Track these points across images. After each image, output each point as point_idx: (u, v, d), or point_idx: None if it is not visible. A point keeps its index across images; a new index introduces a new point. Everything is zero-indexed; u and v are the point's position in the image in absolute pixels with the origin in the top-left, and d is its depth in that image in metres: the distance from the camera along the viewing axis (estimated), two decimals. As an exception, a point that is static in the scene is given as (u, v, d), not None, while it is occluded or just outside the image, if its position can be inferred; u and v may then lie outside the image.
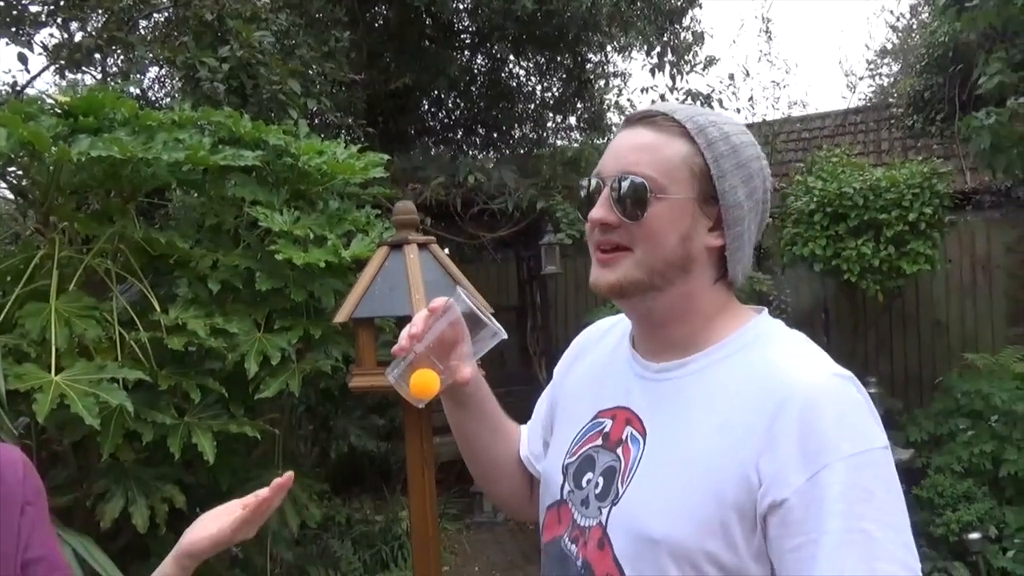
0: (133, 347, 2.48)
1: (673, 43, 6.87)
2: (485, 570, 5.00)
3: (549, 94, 7.43)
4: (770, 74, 15.92)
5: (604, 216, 0.97)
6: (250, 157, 2.64)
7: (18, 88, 5.24)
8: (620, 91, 7.68)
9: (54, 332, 2.26)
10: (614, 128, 7.13)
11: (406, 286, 2.38)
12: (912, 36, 12.53)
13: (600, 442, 1.03)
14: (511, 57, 7.00)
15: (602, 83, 7.50)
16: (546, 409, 1.23)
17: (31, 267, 2.46)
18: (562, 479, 1.06)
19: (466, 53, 7.04)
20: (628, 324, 1.09)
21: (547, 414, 1.22)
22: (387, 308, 2.43)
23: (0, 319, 2.33)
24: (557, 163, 5.97)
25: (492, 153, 7.48)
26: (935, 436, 4.70)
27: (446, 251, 3.46)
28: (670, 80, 6.93)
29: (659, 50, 6.80)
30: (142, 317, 2.55)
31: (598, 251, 1.00)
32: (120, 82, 4.85)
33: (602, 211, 0.97)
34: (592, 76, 7.25)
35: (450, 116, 7.62)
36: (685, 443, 0.93)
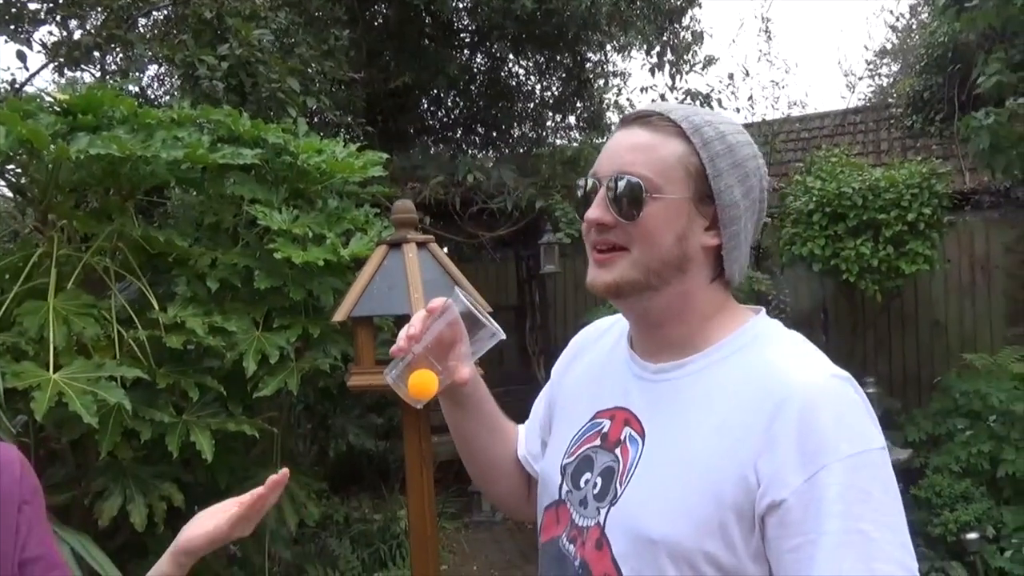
0: (131, 345, 2.48)
1: (673, 43, 6.87)
2: (483, 569, 5.00)
3: (548, 93, 7.42)
4: (769, 74, 16.01)
5: (600, 216, 0.97)
6: (249, 155, 2.64)
7: (17, 86, 5.24)
8: (620, 90, 7.67)
9: (52, 330, 2.26)
10: (613, 127, 7.09)
11: (405, 285, 2.37)
12: (911, 36, 12.52)
13: (598, 442, 1.03)
14: (511, 56, 6.99)
15: (601, 82, 7.50)
16: (544, 409, 1.23)
17: (29, 265, 2.45)
18: (560, 479, 1.06)
19: (466, 52, 7.04)
20: (626, 324, 1.09)
21: (545, 414, 1.22)
22: (386, 307, 2.43)
23: (-2, 317, 2.33)
24: (556, 162, 5.97)
25: (491, 152, 7.47)
26: (933, 436, 4.70)
27: (445, 250, 3.45)
28: (670, 80, 6.95)
29: (659, 49, 6.81)
30: (140, 315, 2.55)
31: (594, 251, 1.00)
32: (119, 80, 4.85)
33: (598, 211, 0.97)
34: (591, 75, 7.25)
35: (449, 115, 7.61)
36: (684, 444, 0.93)
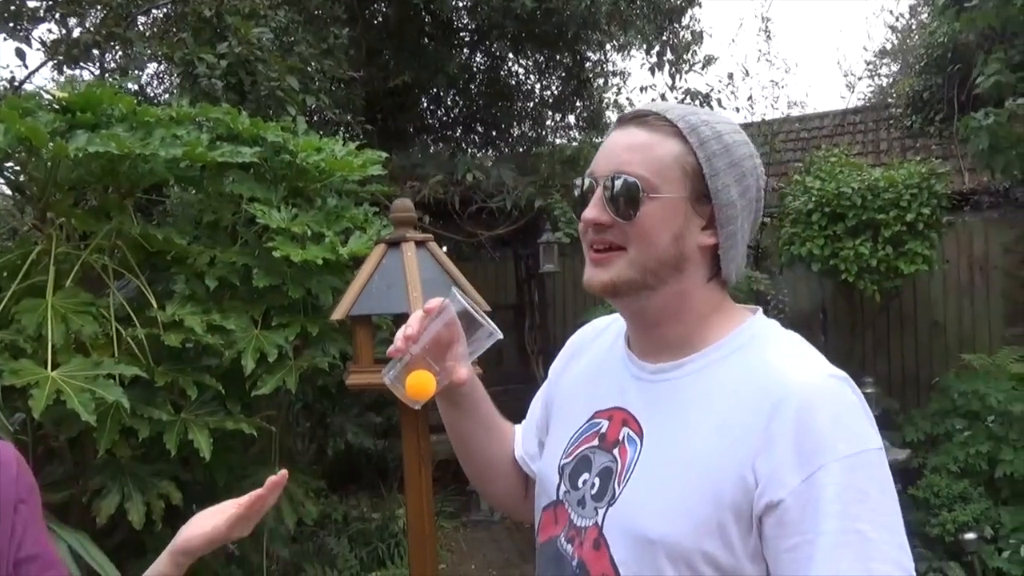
0: (130, 343, 2.48)
1: (672, 42, 6.87)
2: (481, 568, 5.00)
3: (548, 92, 7.42)
4: (769, 74, 15.98)
5: (597, 216, 0.97)
6: (248, 154, 2.64)
7: (16, 84, 5.25)
8: (619, 90, 7.66)
9: (51, 328, 2.26)
10: (611, 127, 7.08)
11: (403, 284, 2.37)
12: (911, 36, 12.52)
13: (596, 443, 1.03)
14: (510, 55, 6.99)
15: (601, 82, 7.49)
16: (541, 409, 1.23)
17: (28, 263, 2.45)
18: (558, 479, 1.06)
19: (465, 51, 7.03)
20: (623, 323, 1.09)
21: (542, 414, 1.22)
22: (384, 306, 2.43)
23: (-3, 315, 2.33)
24: (556, 161, 5.96)
25: (491, 151, 7.46)
26: (931, 436, 4.71)
27: (444, 249, 3.45)
28: (669, 79, 6.94)
29: (658, 49, 6.80)
30: (139, 313, 2.55)
31: (592, 251, 1.00)
32: (118, 78, 4.84)
33: (595, 211, 0.97)
34: (591, 75, 7.24)
35: (449, 114, 7.61)
36: (683, 444, 0.93)
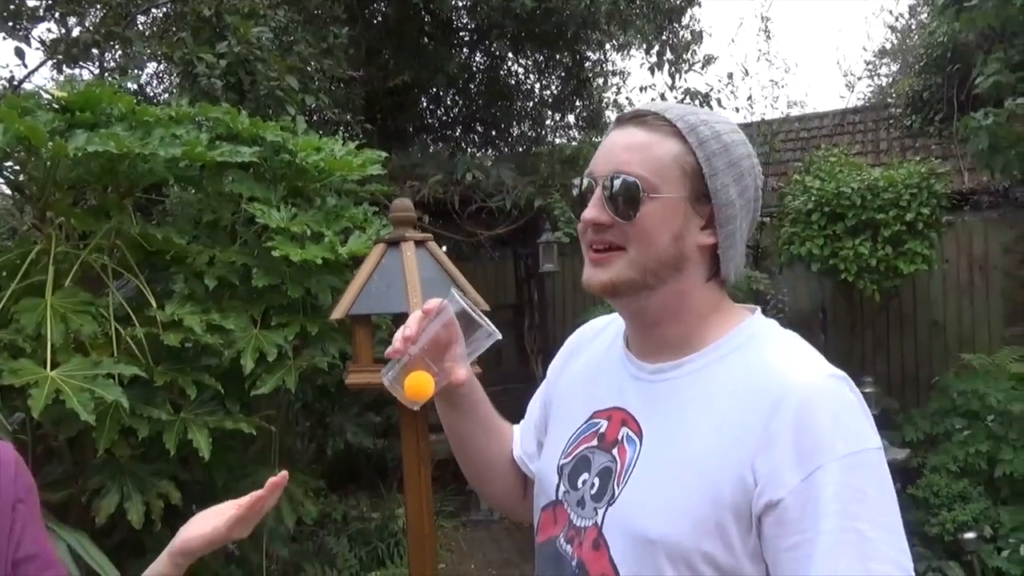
0: (129, 343, 2.48)
1: (672, 42, 6.87)
2: (481, 567, 5.00)
3: (548, 92, 7.42)
4: (769, 73, 16.00)
5: (597, 216, 0.97)
6: (247, 153, 2.64)
7: (15, 83, 5.24)
8: (619, 89, 7.67)
9: (50, 327, 2.26)
10: (610, 127, 7.08)
11: (403, 283, 2.37)
12: (911, 36, 12.52)
13: (596, 443, 1.03)
14: (510, 55, 6.98)
15: (601, 81, 7.49)
16: (539, 409, 1.23)
17: (27, 262, 2.45)
18: (557, 479, 1.06)
19: (465, 50, 7.03)
20: (621, 323, 1.09)
21: (541, 414, 1.22)
22: (384, 305, 2.43)
23: (-4, 315, 2.33)
24: (555, 161, 5.96)
25: (490, 151, 7.46)
26: (931, 436, 4.71)
27: (444, 249, 3.45)
28: (669, 79, 6.95)
29: (658, 49, 6.80)
30: (138, 313, 2.55)
31: (591, 251, 1.00)
32: (117, 77, 4.84)
33: (595, 211, 0.97)
34: (591, 74, 7.24)
35: (448, 113, 7.61)
36: (682, 443, 0.93)
